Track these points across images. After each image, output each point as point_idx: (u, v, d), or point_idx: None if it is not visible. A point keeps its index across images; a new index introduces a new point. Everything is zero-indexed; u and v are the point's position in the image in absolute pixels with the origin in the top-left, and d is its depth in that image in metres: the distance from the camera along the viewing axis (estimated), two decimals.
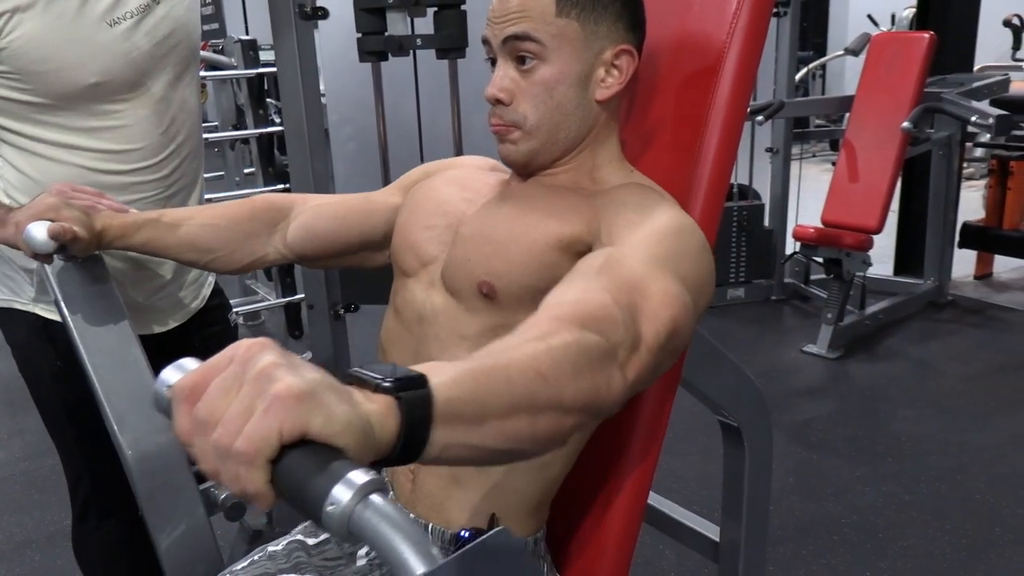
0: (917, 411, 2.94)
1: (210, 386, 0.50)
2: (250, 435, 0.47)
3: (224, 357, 0.51)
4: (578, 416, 0.67)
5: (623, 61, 0.99)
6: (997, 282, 4.29)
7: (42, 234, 1.01)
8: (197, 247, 1.18)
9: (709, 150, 1.08)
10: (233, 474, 0.48)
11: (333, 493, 0.46)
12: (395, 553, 0.46)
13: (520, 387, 0.62)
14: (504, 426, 0.60)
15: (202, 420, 0.49)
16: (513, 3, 0.96)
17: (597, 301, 0.72)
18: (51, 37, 1.21)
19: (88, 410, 1.43)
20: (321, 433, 0.48)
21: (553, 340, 0.65)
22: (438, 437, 0.56)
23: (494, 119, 1.00)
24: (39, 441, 2.87)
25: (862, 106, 3.50)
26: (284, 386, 0.48)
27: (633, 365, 0.73)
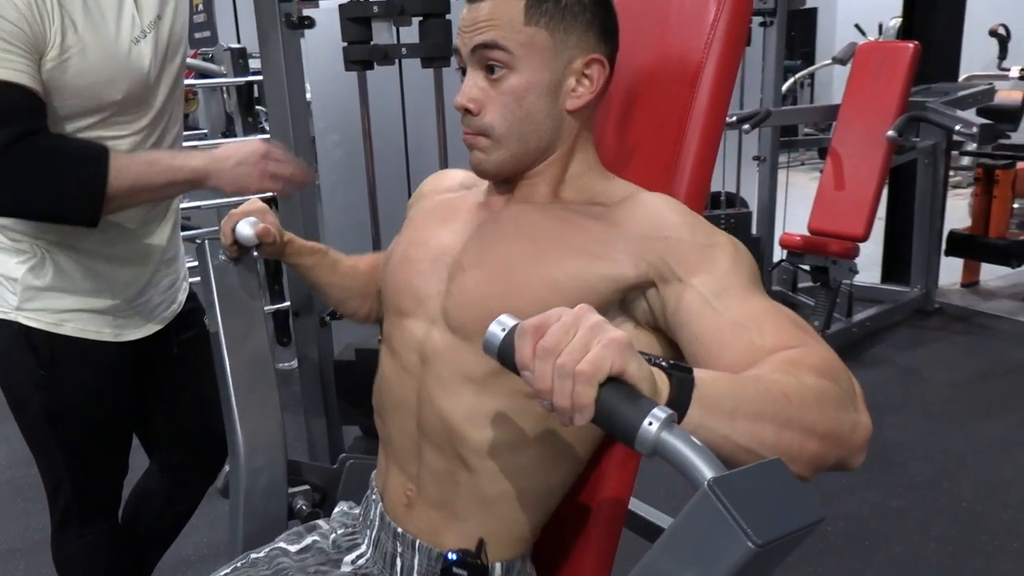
0: (903, 418, 2.96)
1: (552, 326, 0.64)
2: (592, 360, 0.62)
3: (554, 312, 0.66)
4: (822, 443, 0.72)
5: (594, 71, 0.98)
6: (984, 290, 4.32)
7: (250, 231, 1.15)
8: (343, 287, 1.28)
9: (688, 158, 1.09)
10: (568, 390, 0.62)
11: (650, 416, 0.60)
12: (693, 464, 0.59)
13: (769, 400, 0.70)
14: (752, 427, 0.69)
15: (548, 348, 0.63)
16: (482, 12, 0.96)
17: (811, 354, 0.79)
18: (96, 56, 1.24)
19: (70, 418, 1.43)
20: (634, 375, 0.63)
21: (796, 377, 0.74)
22: (694, 415, 0.66)
23: (464, 128, 1.00)
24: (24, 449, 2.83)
25: (848, 115, 3.52)
26: (617, 335, 0.63)
27: (864, 407, 0.78)
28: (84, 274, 1.38)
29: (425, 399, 0.99)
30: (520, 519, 1.00)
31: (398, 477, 1.06)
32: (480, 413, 0.95)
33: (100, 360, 1.43)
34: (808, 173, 7.07)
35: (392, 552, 1.04)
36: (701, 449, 0.60)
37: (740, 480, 0.57)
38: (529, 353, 0.65)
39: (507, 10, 0.95)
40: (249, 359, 1.14)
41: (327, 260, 1.27)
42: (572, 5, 0.96)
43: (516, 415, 0.95)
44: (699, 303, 0.86)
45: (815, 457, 0.72)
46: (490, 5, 0.95)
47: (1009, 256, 4.00)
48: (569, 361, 0.62)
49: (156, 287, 1.50)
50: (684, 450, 0.59)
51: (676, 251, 0.90)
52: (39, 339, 1.37)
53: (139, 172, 1.26)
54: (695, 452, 0.59)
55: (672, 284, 0.89)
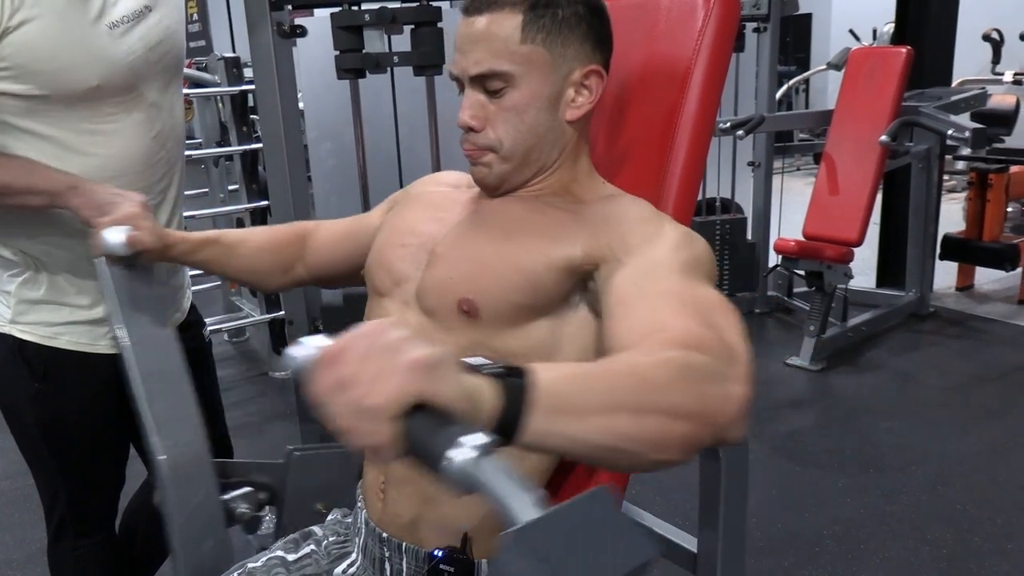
0: (898, 422, 2.96)
1: (348, 352, 0.57)
2: (384, 393, 0.55)
3: (356, 334, 0.59)
4: (689, 424, 0.67)
5: (592, 81, 1.00)
6: (978, 293, 4.33)
7: (119, 239, 1.09)
8: (249, 269, 1.26)
9: (677, 163, 1.09)
10: (366, 428, 0.56)
11: (456, 447, 0.53)
12: (506, 502, 0.52)
13: (624, 388, 0.65)
14: (607, 422, 0.63)
15: (341, 381, 0.57)
16: (479, 29, 0.96)
17: (682, 324, 0.75)
18: (57, 37, 1.21)
19: (65, 430, 1.43)
20: (443, 398, 0.56)
21: (657, 355, 0.69)
22: (535, 423, 0.60)
23: (467, 145, 1.01)
24: (19, 460, 2.83)
25: (841, 120, 3.54)
26: (415, 356, 0.56)
27: (742, 379, 0.72)
28: (79, 287, 1.37)
29: None
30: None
31: (372, 472, 1.07)
32: None
33: (95, 373, 1.42)
34: (803, 178, 7.08)
35: (380, 557, 1.04)
36: (516, 484, 0.52)
37: (552, 524, 0.50)
38: (324, 388, 0.58)
39: (504, 27, 0.95)
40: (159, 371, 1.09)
41: (221, 249, 1.24)
42: (569, 18, 0.97)
43: None
44: (624, 279, 0.86)
45: (685, 439, 0.67)
46: (487, 21, 0.96)
47: (1003, 260, 4.01)
48: (362, 395, 0.56)
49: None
50: (497, 486, 0.52)
51: (623, 237, 0.92)
52: (33, 353, 1.36)
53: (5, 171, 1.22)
54: (509, 488, 0.51)
55: (610, 264, 0.91)
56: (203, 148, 3.90)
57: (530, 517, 0.50)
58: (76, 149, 1.30)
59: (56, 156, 1.29)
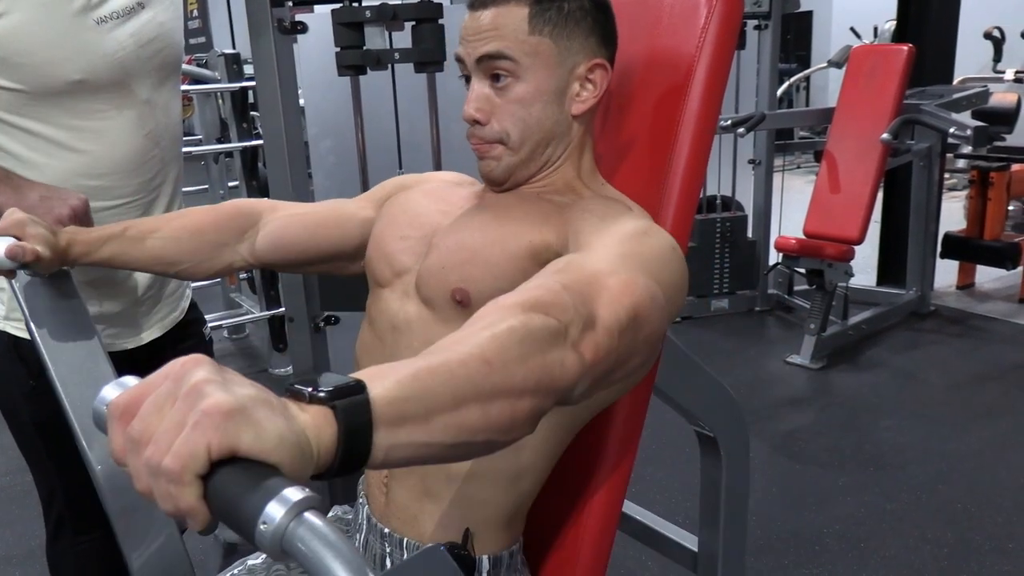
0: (899, 420, 2.96)
1: (143, 404, 0.49)
2: (178, 452, 0.46)
3: (159, 375, 0.50)
4: (532, 399, 0.64)
5: (597, 75, 1.00)
6: (979, 292, 4.33)
7: (0, 251, 0.99)
8: (164, 260, 1.17)
9: (680, 161, 1.09)
10: (165, 492, 0.47)
11: (267, 511, 0.45)
12: (325, 570, 0.45)
13: (464, 378, 0.60)
14: (454, 419, 0.59)
15: (135, 438, 0.48)
16: (486, 21, 0.96)
17: (545, 288, 0.71)
18: (37, 30, 1.21)
19: (61, 428, 1.42)
20: (252, 449, 0.47)
21: (498, 327, 0.64)
22: (383, 440, 0.54)
23: (473, 140, 1.01)
24: (19, 457, 2.83)
25: (842, 118, 3.53)
26: (213, 402, 0.47)
27: (588, 344, 0.70)
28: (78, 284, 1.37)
29: None
30: (491, 501, 0.99)
31: None
32: None
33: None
34: (804, 176, 7.08)
35: (381, 553, 1.04)
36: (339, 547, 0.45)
37: None
38: (119, 446, 0.50)
39: (511, 19, 0.95)
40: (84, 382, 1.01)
41: (126, 243, 1.15)
42: (574, 12, 0.97)
43: None
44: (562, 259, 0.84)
45: (530, 413, 0.65)
46: (493, 14, 0.96)
47: (1004, 258, 4.01)
48: (154, 454, 0.47)
49: (153, 295, 1.49)
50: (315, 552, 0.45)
51: (583, 226, 0.92)
52: (28, 350, 1.35)
53: None
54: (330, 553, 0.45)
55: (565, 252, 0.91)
56: (203, 145, 3.90)
57: None
58: (65, 145, 1.29)
59: (46, 152, 1.28)
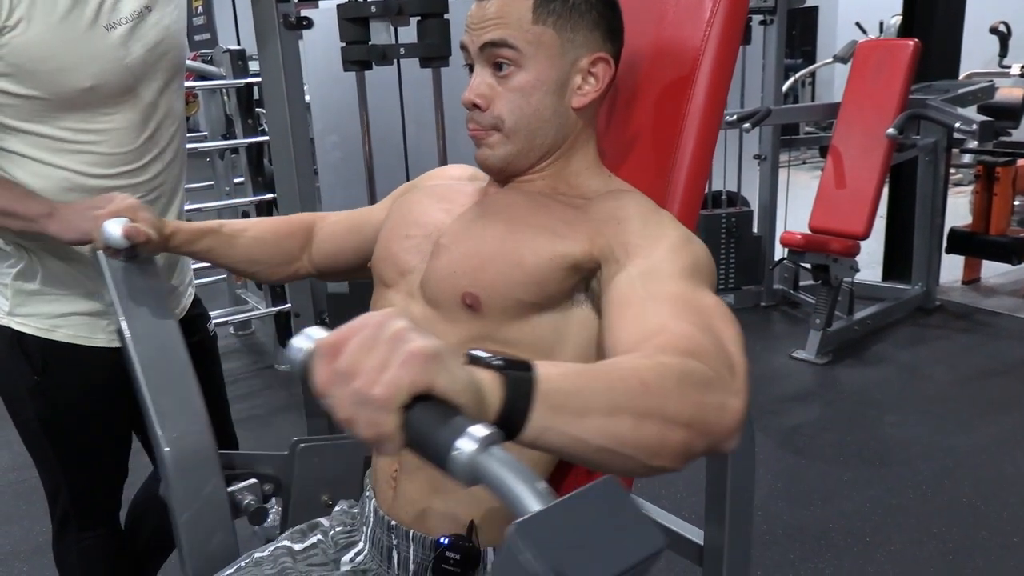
0: (904, 416, 2.95)
1: (349, 343, 0.56)
2: (387, 383, 0.53)
3: (358, 323, 0.57)
4: (685, 432, 0.66)
5: (599, 69, 1.00)
6: (985, 287, 4.32)
7: (118, 231, 1.08)
8: (250, 258, 1.25)
9: (685, 155, 1.09)
10: (368, 419, 0.54)
11: (459, 442, 0.52)
12: (513, 493, 0.50)
13: (622, 391, 0.64)
14: (606, 424, 0.62)
15: (342, 371, 0.55)
16: (491, 10, 0.97)
17: (682, 331, 0.74)
18: (52, 38, 1.22)
19: (66, 424, 1.43)
20: (445, 390, 0.54)
21: (656, 359, 0.68)
22: (538, 420, 0.59)
23: (471, 124, 1.01)
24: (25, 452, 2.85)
25: (848, 113, 3.52)
26: (417, 346, 0.55)
27: (740, 391, 0.72)
28: (75, 278, 1.37)
29: None
30: None
31: (384, 460, 1.07)
32: None
33: (94, 366, 1.41)
34: (809, 172, 7.07)
35: (388, 545, 1.05)
36: (524, 475, 0.51)
37: (556, 516, 0.48)
38: (325, 378, 0.57)
39: (516, 8, 0.96)
40: (162, 364, 1.08)
41: (222, 239, 1.23)
42: (579, 4, 0.97)
43: None
44: (625, 280, 0.86)
45: (682, 447, 0.66)
46: (499, 3, 0.96)
47: (1010, 253, 4.00)
48: (364, 385, 0.54)
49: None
50: (504, 478, 0.51)
51: (623, 236, 0.91)
52: (32, 345, 1.36)
53: None
54: (517, 479, 0.50)
55: (611, 265, 0.90)
56: (208, 141, 3.91)
57: (536, 508, 0.49)
58: (70, 146, 1.30)
59: (50, 150, 1.29)
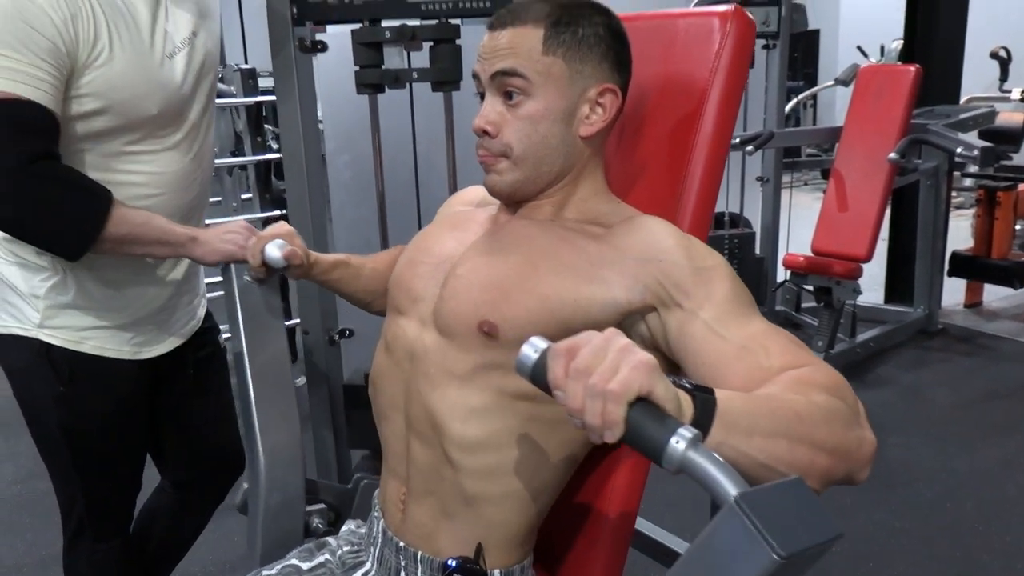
0: (907, 438, 2.96)
1: (583, 348, 0.68)
2: (622, 380, 0.65)
3: (586, 335, 0.69)
4: (829, 459, 0.76)
5: (607, 100, 1.02)
6: (987, 310, 4.33)
7: (278, 253, 1.19)
8: (370, 290, 1.32)
9: (694, 183, 1.11)
10: (599, 408, 0.66)
11: (672, 439, 0.64)
12: (717, 483, 0.62)
13: (782, 418, 0.74)
14: (767, 445, 0.72)
15: (579, 369, 0.67)
16: (503, 40, 0.99)
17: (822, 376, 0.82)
18: (130, 69, 1.27)
19: (88, 435, 1.45)
20: (661, 396, 0.66)
21: (808, 395, 0.78)
22: (715, 435, 0.70)
23: (481, 150, 1.03)
24: (31, 464, 2.86)
25: (850, 137, 3.56)
26: (644, 357, 0.67)
27: (867, 424, 0.81)
28: (105, 292, 1.40)
29: (413, 394, 1.03)
30: (508, 521, 1.01)
31: (393, 483, 1.08)
32: (462, 407, 0.98)
33: (118, 378, 1.45)
34: (811, 193, 7.10)
35: (396, 566, 1.06)
36: (725, 467, 0.63)
37: (764, 496, 0.60)
38: (562, 373, 0.68)
39: (527, 39, 0.98)
40: (271, 378, 1.16)
41: (351, 271, 1.31)
42: (588, 37, 1.00)
43: (497, 412, 0.98)
44: (703, 330, 0.89)
45: (825, 472, 0.75)
46: (510, 34, 0.99)
47: (1011, 277, 4.02)
48: (600, 381, 0.66)
49: (176, 304, 1.53)
50: (710, 468, 0.63)
51: (673, 275, 0.92)
52: (59, 356, 1.39)
53: (135, 225, 1.28)
54: (720, 470, 0.63)
55: (672, 310, 0.92)
56: (217, 158, 3.94)
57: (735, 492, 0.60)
58: (123, 170, 1.34)
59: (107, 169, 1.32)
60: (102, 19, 1.23)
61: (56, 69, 1.19)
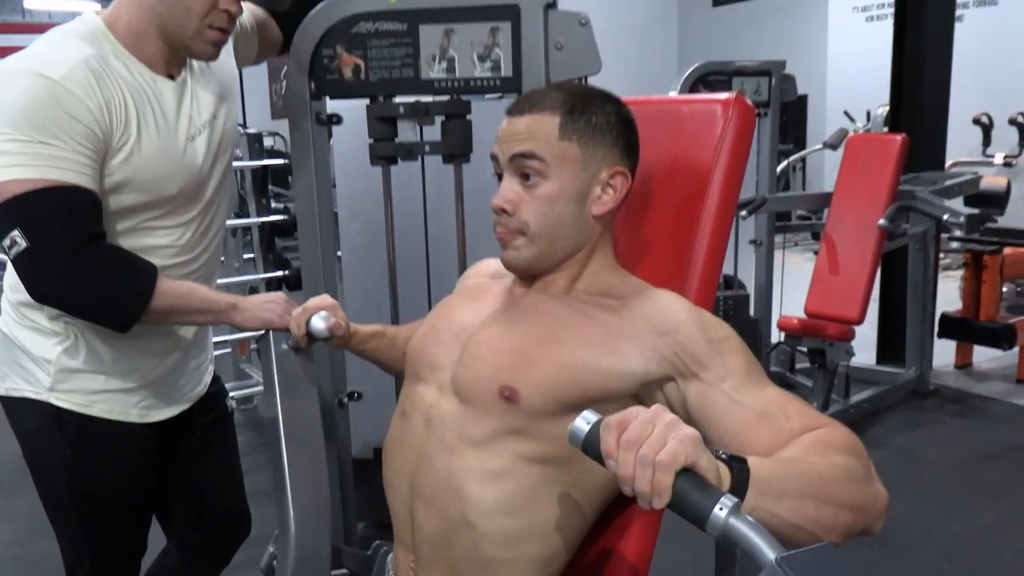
0: (902, 498, 2.98)
1: (633, 421, 0.74)
2: (670, 452, 0.72)
3: (633, 410, 0.76)
4: (852, 515, 0.83)
5: (617, 181, 1.09)
6: (977, 371, 4.38)
7: (323, 324, 1.26)
8: (401, 359, 1.31)
9: (700, 256, 1.18)
10: (649, 476, 0.71)
11: (717, 507, 0.70)
12: (757, 547, 0.68)
13: (807, 480, 0.81)
14: (796, 506, 0.79)
15: (631, 440, 0.73)
16: (522, 126, 1.07)
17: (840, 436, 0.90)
18: (156, 152, 1.35)
19: (97, 496, 1.48)
20: (704, 467, 0.73)
21: (829, 456, 0.85)
22: (751, 499, 0.76)
23: (499, 228, 1.10)
24: (29, 525, 2.85)
25: (840, 203, 3.65)
26: (689, 432, 0.73)
27: (878, 479, 0.88)
28: (115, 356, 1.44)
29: (424, 460, 1.06)
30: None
31: (402, 552, 1.11)
32: (480, 471, 1.02)
33: (126, 441, 1.47)
34: (802, 253, 7.22)
35: None
36: (764, 532, 0.69)
37: (802, 558, 0.67)
38: (614, 444, 0.74)
39: (544, 126, 1.06)
40: (304, 444, 1.19)
41: (386, 340, 1.36)
42: (601, 124, 1.07)
43: (514, 476, 1.02)
44: (723, 399, 0.96)
45: (847, 527, 0.83)
46: (528, 120, 1.06)
47: (1000, 339, 4.07)
48: (650, 452, 0.72)
49: (184, 368, 1.56)
50: (750, 533, 0.70)
51: (689, 347, 0.99)
52: (69, 420, 1.42)
53: (178, 296, 1.35)
54: (759, 535, 0.69)
55: (690, 380, 0.98)
56: None
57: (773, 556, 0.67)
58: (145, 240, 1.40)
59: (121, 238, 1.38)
60: (132, 106, 1.31)
61: (94, 152, 1.26)
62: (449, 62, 1.67)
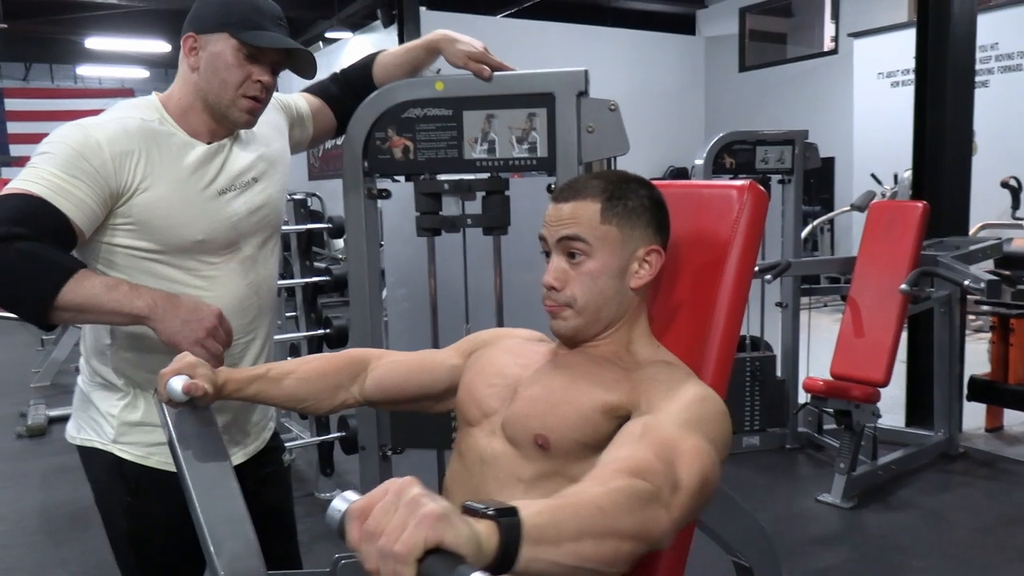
0: (931, 562, 3.01)
1: (375, 508, 0.71)
2: (405, 541, 0.67)
3: (381, 490, 0.73)
4: (633, 543, 0.84)
5: (652, 257, 1.24)
6: (1008, 435, 4.38)
7: (179, 387, 1.23)
8: (295, 397, 1.39)
9: (720, 319, 1.30)
10: (391, 570, 0.68)
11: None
12: None
13: (585, 518, 0.81)
14: (575, 548, 0.79)
15: (370, 531, 0.70)
16: (566, 211, 1.22)
17: (641, 456, 0.93)
18: (172, 199, 1.49)
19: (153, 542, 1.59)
20: (451, 543, 0.68)
21: (610, 484, 0.86)
22: (526, 553, 0.75)
23: (548, 301, 1.24)
24: (81, 572, 2.97)
25: (864, 267, 3.75)
26: (428, 509, 0.69)
27: (676, 505, 0.91)
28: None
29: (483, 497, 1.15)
30: None
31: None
32: None
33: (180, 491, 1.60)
34: (830, 315, 7.24)
35: None
36: None
37: None
38: (357, 537, 0.71)
39: (586, 211, 1.21)
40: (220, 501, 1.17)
41: (267, 383, 1.37)
42: (636, 208, 1.23)
43: None
44: (633, 423, 1.06)
45: (629, 555, 0.84)
46: (572, 207, 1.22)
47: None
48: (387, 543, 0.68)
49: (240, 423, 1.69)
50: None
51: (650, 392, 1.11)
52: (129, 470, 1.55)
53: (93, 294, 1.36)
54: None
55: (635, 414, 1.09)
56: None
57: None
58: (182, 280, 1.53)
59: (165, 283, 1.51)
60: (155, 161, 1.47)
61: (91, 189, 1.40)
62: (490, 144, 1.83)
